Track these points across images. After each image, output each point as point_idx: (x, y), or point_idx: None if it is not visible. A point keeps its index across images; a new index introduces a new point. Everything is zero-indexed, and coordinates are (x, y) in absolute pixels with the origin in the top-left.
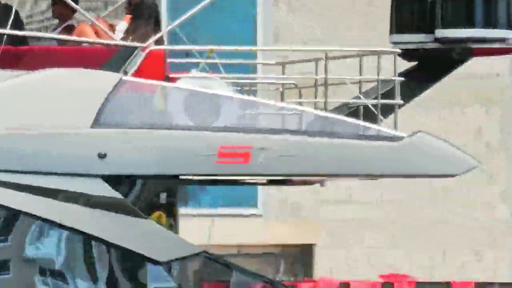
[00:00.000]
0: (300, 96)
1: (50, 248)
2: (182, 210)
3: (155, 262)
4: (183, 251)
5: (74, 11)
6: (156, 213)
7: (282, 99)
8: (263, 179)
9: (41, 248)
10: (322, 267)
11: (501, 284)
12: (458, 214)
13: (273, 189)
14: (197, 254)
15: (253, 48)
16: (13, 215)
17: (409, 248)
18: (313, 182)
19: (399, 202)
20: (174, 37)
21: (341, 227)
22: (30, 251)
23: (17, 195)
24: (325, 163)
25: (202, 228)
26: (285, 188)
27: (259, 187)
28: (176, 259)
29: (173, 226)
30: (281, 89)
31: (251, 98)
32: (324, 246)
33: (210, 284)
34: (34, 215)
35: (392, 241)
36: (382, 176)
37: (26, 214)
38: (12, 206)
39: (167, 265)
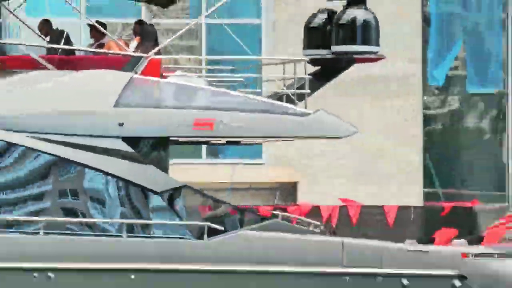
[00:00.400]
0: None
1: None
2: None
3: (155, 192)
4: (172, 184)
5: (103, 34)
6: None
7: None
8: (222, 141)
9: None
10: (303, 198)
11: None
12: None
13: (272, 146)
14: (182, 187)
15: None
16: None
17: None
18: (255, 143)
19: (355, 155)
20: None
21: (318, 171)
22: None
23: (78, 152)
24: (260, 130)
25: (227, 171)
26: (281, 145)
27: (263, 146)
28: (168, 190)
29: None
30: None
31: (216, 89)
32: (305, 184)
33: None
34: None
35: (351, 181)
36: (296, 138)
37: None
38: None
39: (162, 194)
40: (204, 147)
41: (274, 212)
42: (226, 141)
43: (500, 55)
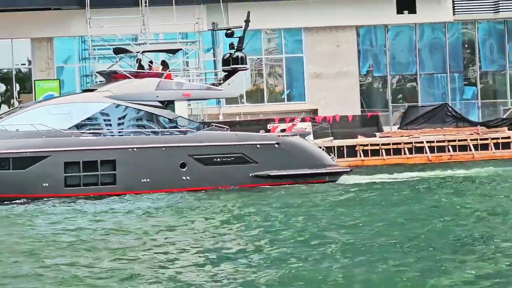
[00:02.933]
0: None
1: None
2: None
3: (168, 118)
4: (173, 116)
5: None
6: None
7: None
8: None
9: None
10: None
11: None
12: None
13: None
14: (178, 116)
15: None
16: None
17: None
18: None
19: None
20: None
21: None
22: None
23: (143, 107)
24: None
25: None
26: None
27: None
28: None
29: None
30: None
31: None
32: None
33: None
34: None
35: None
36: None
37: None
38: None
39: (170, 119)
40: None
41: None
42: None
43: None
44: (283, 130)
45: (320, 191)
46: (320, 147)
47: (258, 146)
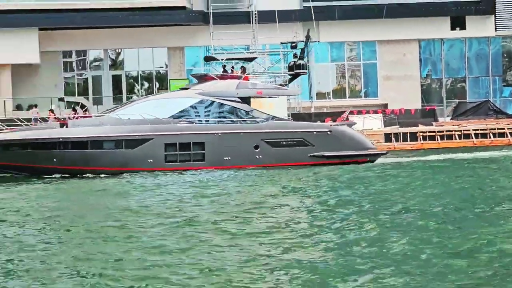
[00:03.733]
0: None
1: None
2: None
3: (245, 110)
4: (249, 108)
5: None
6: None
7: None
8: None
9: None
10: None
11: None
12: None
13: None
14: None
15: None
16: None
17: None
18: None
19: None
20: None
21: None
22: None
23: (225, 100)
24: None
25: None
26: None
27: None
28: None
29: None
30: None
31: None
32: None
33: None
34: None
35: None
36: None
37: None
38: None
39: (246, 111)
40: None
41: None
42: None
43: None
44: (334, 121)
45: (372, 169)
46: (363, 134)
47: (314, 132)
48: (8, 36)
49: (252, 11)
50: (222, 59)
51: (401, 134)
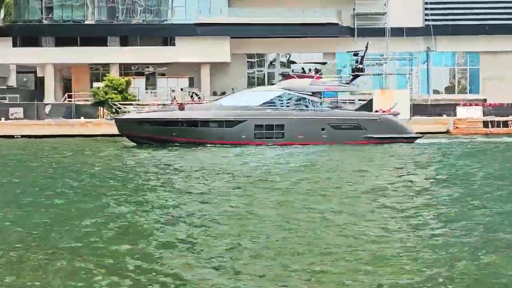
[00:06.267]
0: None
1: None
2: None
3: (314, 101)
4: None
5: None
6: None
7: None
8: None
9: None
10: None
11: None
12: None
13: None
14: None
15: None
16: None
17: None
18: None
19: None
20: None
21: None
22: None
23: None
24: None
25: None
26: None
27: None
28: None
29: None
30: None
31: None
32: None
33: None
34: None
35: None
36: None
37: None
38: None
39: (317, 102)
40: None
41: None
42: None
43: None
44: (383, 111)
45: (415, 149)
46: (403, 121)
47: (367, 119)
48: (208, 42)
49: (386, 27)
50: (300, 63)
51: (496, 122)
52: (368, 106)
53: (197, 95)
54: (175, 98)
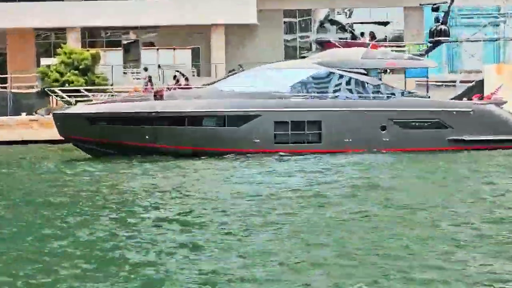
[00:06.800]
0: None
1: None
2: None
3: (373, 84)
4: (377, 82)
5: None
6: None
7: None
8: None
9: None
10: None
11: None
12: None
13: None
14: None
15: None
16: None
17: None
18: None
19: None
20: None
21: None
22: None
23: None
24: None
25: None
26: None
27: None
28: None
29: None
30: None
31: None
32: None
33: None
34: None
35: None
36: None
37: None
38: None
39: (375, 85)
40: None
41: None
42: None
43: None
44: (481, 98)
45: None
46: None
47: (454, 112)
48: None
49: None
50: (347, 24)
51: None
52: (475, 89)
53: (183, 75)
54: (150, 81)
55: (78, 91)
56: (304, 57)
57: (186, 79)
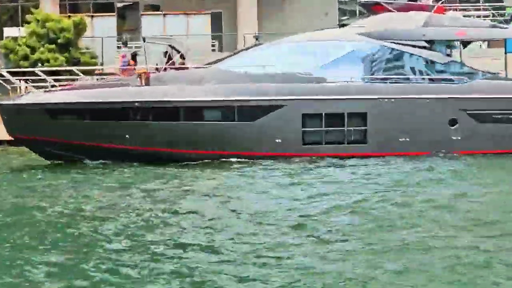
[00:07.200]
0: None
1: None
2: None
3: (440, 62)
4: (446, 60)
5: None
6: None
7: None
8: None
9: None
10: None
11: None
12: None
13: None
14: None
15: None
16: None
17: None
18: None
19: None
20: None
21: None
22: None
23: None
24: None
25: None
26: None
27: None
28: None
29: None
30: None
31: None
32: None
33: None
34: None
35: None
36: None
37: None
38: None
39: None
40: None
41: None
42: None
43: None
44: None
45: None
46: None
47: None
48: None
49: None
50: None
51: None
52: None
53: (178, 51)
54: (134, 59)
55: (55, 73)
56: (344, 25)
57: (182, 56)
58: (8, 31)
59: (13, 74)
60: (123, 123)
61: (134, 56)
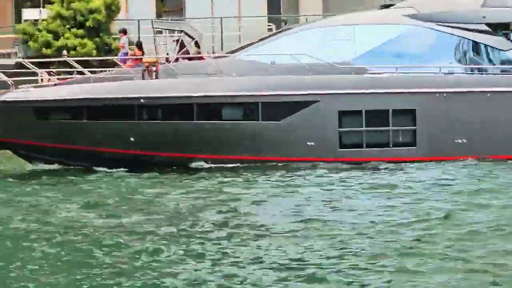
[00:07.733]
0: None
1: None
2: None
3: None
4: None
5: None
6: None
7: None
8: None
9: None
10: None
11: None
12: None
13: None
14: None
15: None
16: None
17: None
18: None
19: None
20: None
21: None
22: None
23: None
24: None
25: None
26: None
27: None
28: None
29: None
30: None
31: None
32: None
33: None
34: None
35: None
36: None
37: None
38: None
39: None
40: None
41: None
42: None
43: None
44: None
45: None
46: None
47: None
48: None
49: None
50: None
51: None
52: None
53: (192, 38)
54: (140, 47)
55: (85, 62)
56: (388, 6)
57: (196, 44)
58: (27, 13)
59: (37, 64)
60: (127, 124)
61: (140, 45)
